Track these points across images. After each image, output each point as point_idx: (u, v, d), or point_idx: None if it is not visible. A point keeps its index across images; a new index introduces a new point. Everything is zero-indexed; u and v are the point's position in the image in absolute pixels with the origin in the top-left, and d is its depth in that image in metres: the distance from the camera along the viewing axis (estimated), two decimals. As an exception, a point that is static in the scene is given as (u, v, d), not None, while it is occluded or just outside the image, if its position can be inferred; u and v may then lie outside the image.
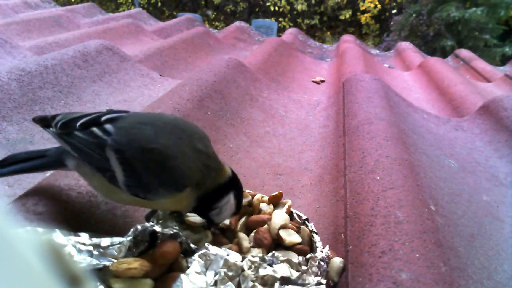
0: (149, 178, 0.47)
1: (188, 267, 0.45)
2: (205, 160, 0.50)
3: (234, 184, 0.54)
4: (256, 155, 0.90)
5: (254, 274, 0.44)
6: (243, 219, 0.59)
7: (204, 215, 0.54)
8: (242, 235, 0.56)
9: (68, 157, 0.52)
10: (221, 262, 0.45)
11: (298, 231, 0.57)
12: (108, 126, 0.49)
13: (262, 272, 0.44)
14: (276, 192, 0.62)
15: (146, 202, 0.49)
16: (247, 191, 0.64)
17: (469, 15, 5.83)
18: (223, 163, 0.55)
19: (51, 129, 0.52)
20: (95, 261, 0.41)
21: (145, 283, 0.41)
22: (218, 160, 0.53)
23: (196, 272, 0.44)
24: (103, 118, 0.51)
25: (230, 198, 0.53)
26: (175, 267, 0.45)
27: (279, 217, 0.56)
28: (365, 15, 8.23)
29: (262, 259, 0.46)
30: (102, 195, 0.54)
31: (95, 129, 0.49)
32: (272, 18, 8.40)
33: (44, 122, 0.53)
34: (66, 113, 0.53)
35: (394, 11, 7.83)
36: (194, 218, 0.56)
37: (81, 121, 0.51)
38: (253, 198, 0.62)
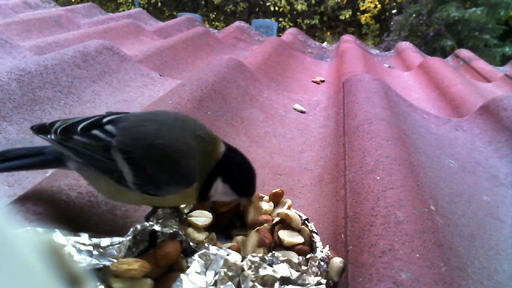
0: (159, 175, 0.47)
1: (188, 267, 0.45)
2: (202, 146, 0.49)
3: (222, 167, 0.50)
4: (256, 155, 0.90)
5: (254, 274, 0.44)
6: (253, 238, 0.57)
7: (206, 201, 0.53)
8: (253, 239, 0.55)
9: (69, 159, 0.51)
10: (221, 262, 0.45)
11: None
12: (109, 127, 0.49)
13: (262, 272, 0.44)
14: (278, 189, 0.62)
15: (155, 199, 0.49)
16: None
17: (469, 15, 5.83)
18: (219, 140, 0.52)
19: (49, 136, 0.50)
20: (95, 261, 0.41)
21: (145, 283, 0.41)
22: (213, 141, 0.51)
23: (196, 272, 0.44)
24: (104, 120, 0.50)
25: (218, 185, 0.50)
26: (175, 267, 0.45)
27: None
28: (365, 15, 8.23)
29: (262, 259, 0.46)
30: (107, 196, 0.54)
31: (96, 132, 0.49)
32: (272, 18, 8.40)
33: (43, 129, 0.52)
34: (65, 119, 0.52)
35: (394, 11, 7.84)
36: (196, 218, 0.56)
37: (82, 125, 0.50)
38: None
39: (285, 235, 0.54)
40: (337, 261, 0.54)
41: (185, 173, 0.48)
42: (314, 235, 0.56)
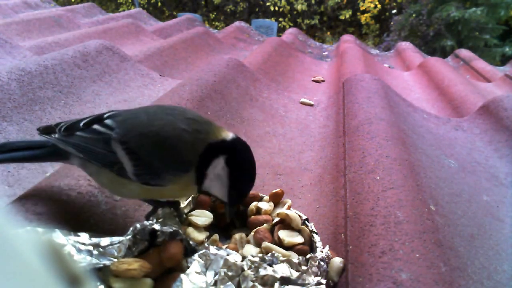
0: (156, 163, 0.48)
1: (188, 267, 0.45)
2: (194, 124, 0.49)
3: (228, 148, 0.50)
4: (256, 155, 0.90)
5: (254, 274, 0.44)
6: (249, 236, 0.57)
7: (202, 187, 0.51)
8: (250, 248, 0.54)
9: (72, 156, 0.52)
10: (221, 262, 0.45)
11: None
12: (109, 121, 0.50)
13: (262, 272, 0.44)
14: (277, 189, 0.62)
15: (155, 189, 0.49)
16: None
17: (469, 15, 5.83)
18: (219, 126, 0.52)
19: (53, 135, 0.52)
20: (95, 261, 0.41)
21: (145, 283, 0.41)
22: (213, 125, 0.51)
23: (196, 272, 0.44)
24: (105, 116, 0.52)
25: (218, 164, 0.49)
26: (175, 267, 0.45)
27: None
28: (365, 15, 8.23)
29: (262, 259, 0.46)
30: (110, 191, 0.55)
31: (97, 126, 0.50)
32: (272, 18, 8.40)
33: (49, 130, 0.53)
34: (69, 120, 0.54)
35: (394, 11, 7.84)
36: (196, 218, 0.56)
37: (83, 121, 0.52)
38: (252, 198, 0.62)
39: (285, 235, 0.54)
40: (337, 261, 0.54)
41: (180, 158, 0.49)
42: (314, 235, 0.56)
